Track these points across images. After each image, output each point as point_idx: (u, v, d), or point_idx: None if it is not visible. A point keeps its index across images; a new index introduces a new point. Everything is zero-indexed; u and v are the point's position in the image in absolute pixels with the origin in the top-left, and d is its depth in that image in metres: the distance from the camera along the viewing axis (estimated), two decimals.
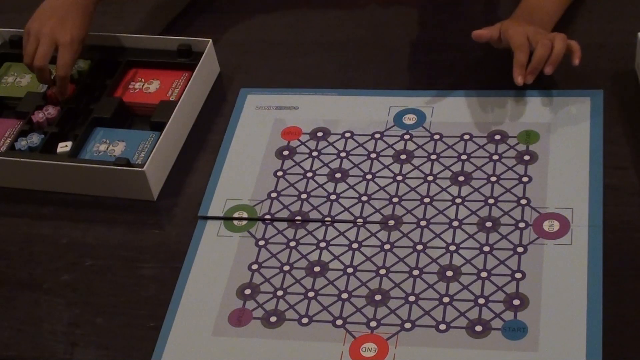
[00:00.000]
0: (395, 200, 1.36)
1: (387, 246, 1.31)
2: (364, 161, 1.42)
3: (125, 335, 1.27)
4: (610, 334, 1.17)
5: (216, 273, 1.31)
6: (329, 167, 1.42)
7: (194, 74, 1.52)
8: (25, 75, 1.60)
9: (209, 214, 1.38)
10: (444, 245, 1.29)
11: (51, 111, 1.51)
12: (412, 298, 1.24)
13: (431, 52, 1.57)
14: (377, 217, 1.34)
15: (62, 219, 1.43)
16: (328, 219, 1.35)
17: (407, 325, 1.22)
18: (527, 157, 1.37)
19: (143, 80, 1.56)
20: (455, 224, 1.31)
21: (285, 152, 1.45)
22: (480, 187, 1.35)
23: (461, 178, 1.37)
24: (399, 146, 1.43)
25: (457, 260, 1.27)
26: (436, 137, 1.43)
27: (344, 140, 1.45)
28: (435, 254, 1.28)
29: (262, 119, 1.50)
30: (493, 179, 1.36)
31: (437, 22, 1.52)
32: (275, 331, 1.24)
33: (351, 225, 1.34)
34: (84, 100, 1.55)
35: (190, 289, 1.30)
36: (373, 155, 1.42)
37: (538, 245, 1.27)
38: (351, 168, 1.41)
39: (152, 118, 1.49)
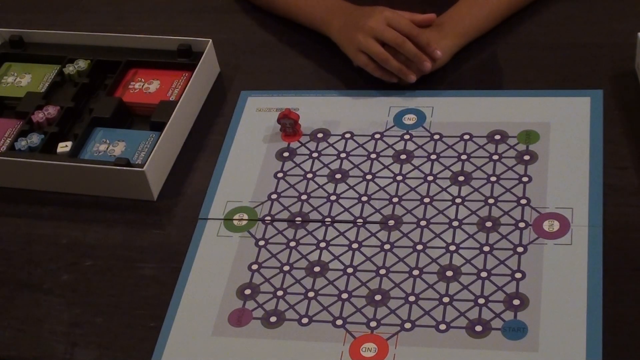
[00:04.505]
0: (395, 200, 1.36)
1: (387, 246, 1.30)
2: (364, 161, 1.42)
3: (125, 335, 1.27)
4: (610, 334, 1.17)
5: (216, 273, 1.31)
6: (329, 168, 1.42)
7: (194, 74, 1.52)
8: (25, 75, 1.60)
9: (210, 217, 1.38)
10: (444, 245, 1.29)
11: (51, 111, 1.51)
12: (412, 298, 1.24)
13: None
14: (377, 217, 1.34)
15: (62, 219, 1.43)
16: (328, 219, 1.35)
17: (407, 325, 1.22)
18: (527, 157, 1.37)
19: (143, 80, 1.56)
20: (455, 224, 1.31)
21: (286, 154, 1.45)
22: (480, 187, 1.35)
23: (461, 178, 1.37)
24: (399, 146, 1.43)
25: (457, 260, 1.27)
26: (436, 137, 1.43)
27: (344, 141, 1.45)
28: (435, 254, 1.28)
29: (262, 121, 1.50)
30: (493, 179, 1.36)
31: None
32: (275, 331, 1.24)
33: (351, 225, 1.34)
34: (84, 100, 1.55)
35: (190, 289, 1.30)
36: (373, 156, 1.42)
37: (538, 245, 1.27)
38: (351, 169, 1.41)
39: (152, 118, 1.49)
